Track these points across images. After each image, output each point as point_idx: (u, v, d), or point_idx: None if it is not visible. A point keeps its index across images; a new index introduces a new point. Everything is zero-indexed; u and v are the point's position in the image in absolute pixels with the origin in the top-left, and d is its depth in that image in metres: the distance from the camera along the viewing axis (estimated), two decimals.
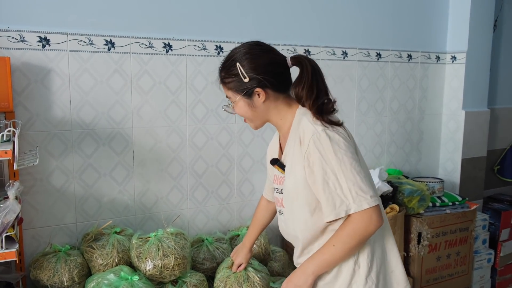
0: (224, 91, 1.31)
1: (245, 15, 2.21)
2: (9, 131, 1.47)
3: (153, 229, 1.96)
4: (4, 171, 1.75)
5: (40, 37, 1.78)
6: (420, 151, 2.97)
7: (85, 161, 1.92)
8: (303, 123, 1.23)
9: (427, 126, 2.97)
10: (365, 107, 2.67)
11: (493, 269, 2.96)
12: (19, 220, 1.53)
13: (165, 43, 2.03)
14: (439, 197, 2.61)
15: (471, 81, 2.90)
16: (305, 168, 1.21)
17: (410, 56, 2.81)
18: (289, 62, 1.28)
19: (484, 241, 2.88)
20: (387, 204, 2.33)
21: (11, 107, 1.63)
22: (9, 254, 1.42)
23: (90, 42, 1.87)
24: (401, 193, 2.41)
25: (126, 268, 1.71)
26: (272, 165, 1.37)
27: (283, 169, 1.32)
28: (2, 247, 1.41)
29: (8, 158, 1.38)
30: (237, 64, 1.23)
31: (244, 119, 1.34)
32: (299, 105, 1.29)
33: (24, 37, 1.75)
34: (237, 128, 2.27)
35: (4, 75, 1.59)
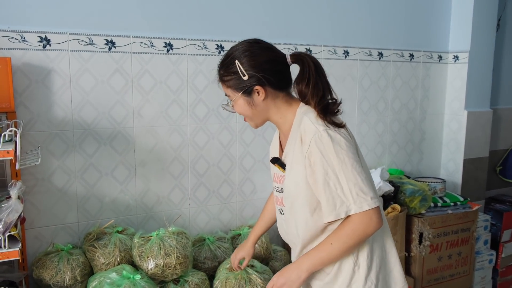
0: (223, 89, 1.30)
1: (246, 14, 2.21)
2: (10, 131, 1.47)
3: (154, 228, 1.97)
4: (6, 171, 1.76)
5: (41, 37, 1.78)
6: (422, 151, 2.96)
7: (86, 161, 1.93)
8: (304, 122, 1.22)
9: (429, 126, 2.96)
10: (366, 107, 2.67)
11: (495, 270, 2.95)
12: (22, 220, 1.54)
13: (165, 43, 2.03)
14: (440, 198, 2.60)
15: (473, 81, 2.88)
16: (306, 168, 1.20)
17: (412, 56, 2.79)
18: (288, 59, 1.26)
19: (485, 242, 2.87)
20: (388, 204, 2.32)
21: (13, 107, 1.64)
22: (12, 253, 1.43)
23: (91, 42, 1.88)
24: (402, 193, 2.40)
25: (128, 267, 1.72)
26: (273, 164, 1.37)
27: (284, 168, 1.31)
28: (5, 246, 1.42)
29: (10, 158, 1.39)
30: (236, 62, 1.22)
31: (244, 117, 1.33)
32: (299, 103, 1.28)
33: (24, 37, 1.75)
34: (239, 127, 2.27)
35: (5, 76, 1.60)
